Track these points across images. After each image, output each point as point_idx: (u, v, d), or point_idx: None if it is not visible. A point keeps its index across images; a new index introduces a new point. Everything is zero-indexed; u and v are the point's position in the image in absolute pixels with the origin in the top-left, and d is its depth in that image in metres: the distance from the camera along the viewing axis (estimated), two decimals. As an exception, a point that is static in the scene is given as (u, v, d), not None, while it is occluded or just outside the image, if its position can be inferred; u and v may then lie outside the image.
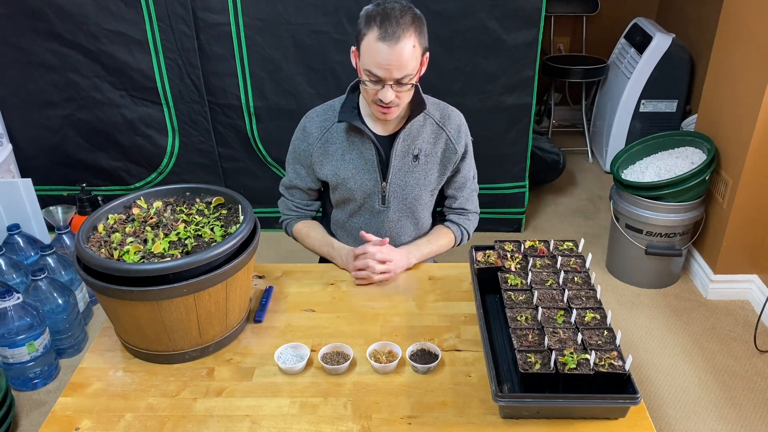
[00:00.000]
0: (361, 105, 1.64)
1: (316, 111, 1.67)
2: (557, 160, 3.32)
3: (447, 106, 1.69)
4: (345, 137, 1.63)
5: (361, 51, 1.46)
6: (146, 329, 1.29)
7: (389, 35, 1.39)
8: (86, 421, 1.21)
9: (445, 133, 1.65)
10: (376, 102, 1.49)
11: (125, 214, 1.44)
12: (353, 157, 1.63)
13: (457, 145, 1.66)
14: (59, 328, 2.22)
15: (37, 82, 2.75)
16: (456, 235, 1.77)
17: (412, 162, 1.64)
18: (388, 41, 1.39)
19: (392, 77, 1.43)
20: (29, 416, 2.05)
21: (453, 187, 1.75)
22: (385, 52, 1.40)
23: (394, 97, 1.46)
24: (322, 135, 1.64)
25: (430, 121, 1.65)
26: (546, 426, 1.18)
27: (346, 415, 1.21)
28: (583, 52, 3.92)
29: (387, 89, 1.45)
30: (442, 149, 1.66)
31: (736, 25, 2.39)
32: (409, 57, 1.42)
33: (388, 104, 1.48)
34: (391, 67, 1.41)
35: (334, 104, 1.66)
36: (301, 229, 1.78)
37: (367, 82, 1.47)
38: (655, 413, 2.02)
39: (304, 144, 1.66)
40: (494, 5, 2.53)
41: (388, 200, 1.68)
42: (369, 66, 1.44)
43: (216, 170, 2.96)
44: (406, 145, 1.63)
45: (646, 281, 2.65)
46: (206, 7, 2.56)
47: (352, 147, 1.63)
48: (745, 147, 2.30)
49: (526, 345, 1.22)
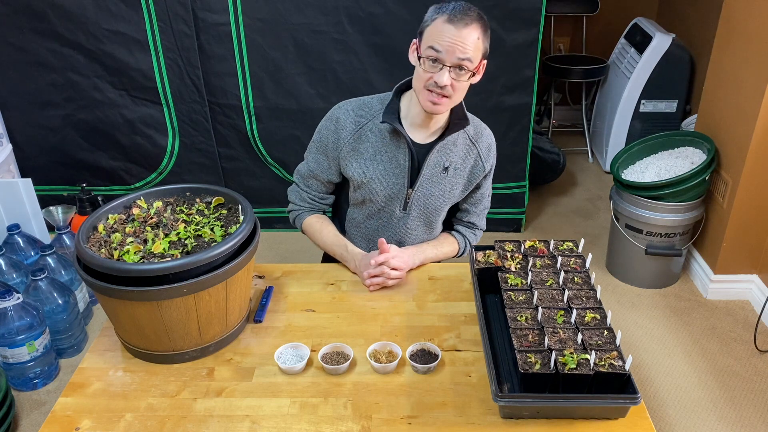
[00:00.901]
0: (402, 111, 1.61)
1: (351, 104, 1.63)
2: (557, 160, 3.32)
3: (481, 124, 1.69)
4: (379, 138, 1.60)
5: (425, 35, 1.45)
6: (146, 329, 1.29)
7: (458, 19, 1.41)
8: (86, 421, 1.21)
9: (476, 149, 1.65)
10: (429, 87, 1.46)
11: (125, 214, 1.44)
12: (384, 159, 1.61)
13: (485, 164, 1.67)
14: (59, 328, 2.22)
15: (37, 82, 2.75)
16: (460, 245, 1.77)
17: (441, 173, 1.63)
18: (456, 23, 1.41)
19: (453, 56, 1.42)
20: (29, 416, 2.05)
21: (469, 202, 1.76)
22: (451, 32, 1.41)
23: (449, 83, 1.44)
24: (356, 131, 1.61)
25: (464, 136, 1.64)
26: (546, 426, 1.18)
27: (346, 415, 1.21)
28: (583, 52, 3.92)
29: (444, 72, 1.43)
30: (471, 165, 1.66)
31: (736, 25, 2.39)
32: (473, 43, 1.43)
33: (441, 91, 1.45)
34: (455, 45, 1.41)
35: (371, 102, 1.63)
36: (313, 223, 1.74)
37: (426, 62, 1.44)
38: (655, 413, 2.02)
39: (335, 136, 1.62)
40: (494, 5, 2.53)
41: (410, 207, 1.67)
42: (432, 42, 1.43)
43: (216, 170, 2.96)
44: (440, 156, 1.62)
45: (646, 281, 2.65)
46: (206, 7, 2.56)
47: (385, 149, 1.61)
48: (745, 147, 2.30)
49: (526, 345, 1.22)
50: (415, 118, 1.58)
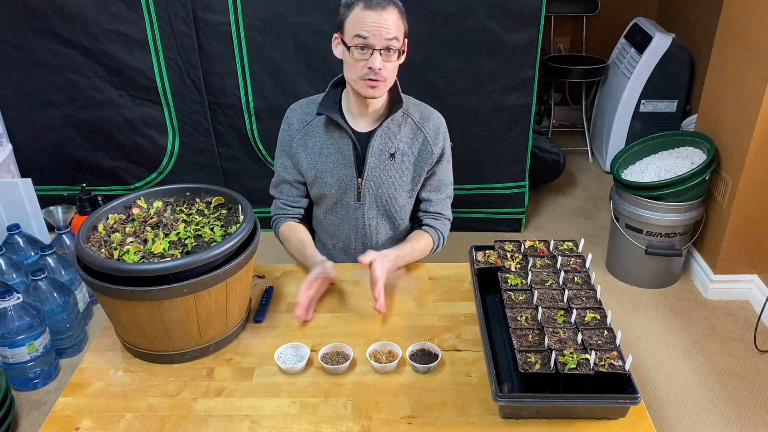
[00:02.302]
0: (343, 101, 1.65)
1: (300, 103, 1.70)
2: (557, 160, 3.32)
3: (428, 108, 1.70)
4: (324, 131, 1.65)
5: (346, 26, 1.50)
6: (146, 329, 1.29)
7: (374, 4, 1.46)
8: (86, 421, 1.21)
9: (423, 133, 1.66)
10: (364, 77, 1.50)
11: (125, 214, 1.44)
12: (331, 151, 1.65)
13: (434, 147, 1.66)
14: (59, 328, 2.21)
15: (37, 82, 2.75)
16: (434, 239, 1.73)
17: (389, 160, 1.65)
18: (375, 8, 1.46)
19: (381, 39, 1.46)
20: (29, 416, 2.05)
21: (428, 189, 1.73)
22: (372, 17, 1.46)
23: (381, 66, 1.48)
24: (303, 127, 1.67)
25: (409, 121, 1.66)
26: (546, 426, 1.18)
27: (346, 415, 1.21)
28: (583, 52, 3.92)
29: (376, 56, 1.47)
30: (418, 149, 1.66)
31: (736, 25, 2.39)
32: (395, 23, 1.48)
33: (375, 76, 1.49)
34: (380, 28, 1.45)
35: (318, 98, 1.68)
36: (283, 232, 1.73)
37: (355, 51, 1.48)
38: (655, 413, 2.02)
39: (287, 134, 1.69)
40: (494, 5, 2.53)
41: (363, 197, 1.68)
42: (357, 30, 1.46)
43: (216, 170, 2.96)
44: (383, 143, 1.64)
45: (646, 281, 2.65)
46: (206, 7, 2.56)
47: (330, 141, 1.65)
48: (745, 147, 2.30)
49: (526, 345, 1.22)
50: (353, 108, 1.63)
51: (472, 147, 2.80)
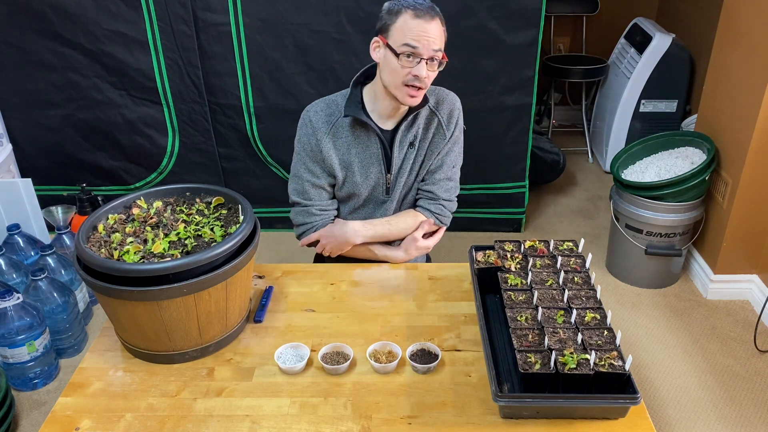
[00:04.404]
0: (366, 101, 1.65)
1: (318, 105, 1.67)
2: (557, 160, 3.32)
3: (443, 91, 1.71)
4: (350, 131, 1.64)
5: (393, 32, 1.50)
6: (146, 329, 1.29)
7: (424, 13, 1.48)
8: (86, 421, 1.21)
9: (437, 117, 1.68)
10: (408, 83, 1.51)
11: (125, 214, 1.44)
12: (359, 150, 1.66)
13: (446, 131, 1.69)
14: (59, 328, 2.22)
15: (37, 82, 2.75)
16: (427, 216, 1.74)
17: (409, 150, 1.68)
18: (424, 17, 1.48)
19: (429, 49, 1.48)
20: (29, 416, 2.05)
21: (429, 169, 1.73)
22: (422, 27, 1.47)
23: (427, 75, 1.51)
24: (330, 129, 1.64)
25: (426, 108, 1.67)
26: (546, 426, 1.18)
27: (346, 415, 1.21)
28: (583, 52, 3.92)
29: (422, 65, 1.49)
30: (432, 133, 1.69)
31: (736, 25, 2.39)
32: (440, 35, 1.51)
33: (420, 83, 1.51)
34: (429, 38, 1.48)
35: (336, 99, 1.67)
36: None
37: (403, 59, 1.49)
38: (655, 413, 2.02)
39: (314, 138, 1.64)
40: (494, 5, 2.53)
41: (392, 191, 1.71)
42: (407, 39, 1.48)
43: (216, 170, 2.96)
44: (405, 135, 1.66)
45: (646, 281, 2.65)
46: (206, 7, 2.56)
47: (357, 141, 1.65)
48: (745, 147, 2.30)
49: (526, 345, 1.22)
50: (385, 110, 1.63)
51: (472, 147, 2.78)
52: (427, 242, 1.73)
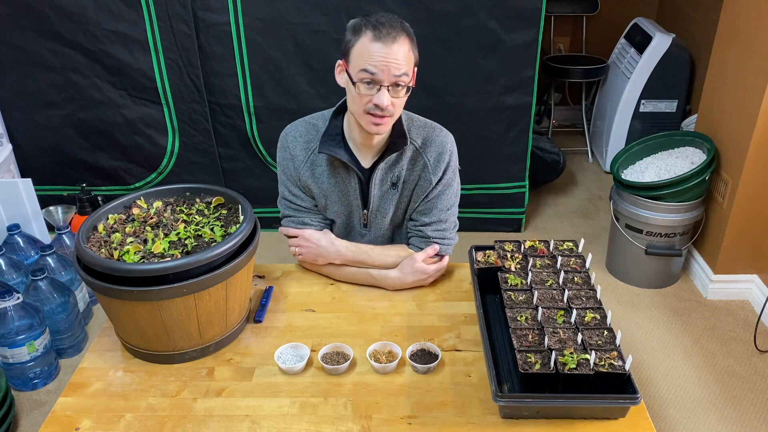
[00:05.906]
0: (345, 128, 1.55)
1: (298, 129, 1.58)
2: (557, 160, 3.32)
3: (434, 129, 1.58)
4: (327, 163, 1.56)
5: (352, 57, 1.39)
6: (146, 329, 1.29)
7: (384, 35, 1.35)
8: (86, 421, 1.21)
9: (423, 159, 1.56)
10: (369, 111, 1.40)
11: (125, 214, 1.44)
12: (338, 181, 1.57)
13: (433, 175, 1.55)
14: (59, 328, 2.22)
15: (37, 82, 2.75)
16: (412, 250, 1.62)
17: (391, 189, 1.58)
18: (384, 40, 1.34)
19: (390, 75, 1.36)
20: (29, 416, 2.05)
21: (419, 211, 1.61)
22: (381, 51, 1.35)
23: (389, 102, 1.38)
24: (307, 158, 1.57)
25: (411, 147, 1.55)
26: (546, 426, 1.18)
27: (346, 415, 1.21)
28: (583, 52, 3.92)
29: (383, 92, 1.37)
30: (418, 176, 1.57)
31: (736, 25, 2.39)
32: (405, 57, 1.37)
33: (382, 112, 1.39)
34: (388, 64, 1.35)
35: (316, 124, 1.57)
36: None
37: (361, 86, 1.38)
38: (655, 413, 2.02)
39: (292, 164, 1.58)
40: (494, 5, 2.53)
41: (370, 226, 1.64)
42: (363, 64, 1.36)
43: (216, 170, 2.96)
44: (385, 174, 1.56)
45: (646, 281, 2.65)
46: (206, 7, 2.56)
47: (334, 173, 1.56)
48: (745, 147, 2.30)
49: (526, 345, 1.22)
50: (358, 139, 1.53)
51: (472, 147, 2.80)
52: (426, 267, 1.57)
